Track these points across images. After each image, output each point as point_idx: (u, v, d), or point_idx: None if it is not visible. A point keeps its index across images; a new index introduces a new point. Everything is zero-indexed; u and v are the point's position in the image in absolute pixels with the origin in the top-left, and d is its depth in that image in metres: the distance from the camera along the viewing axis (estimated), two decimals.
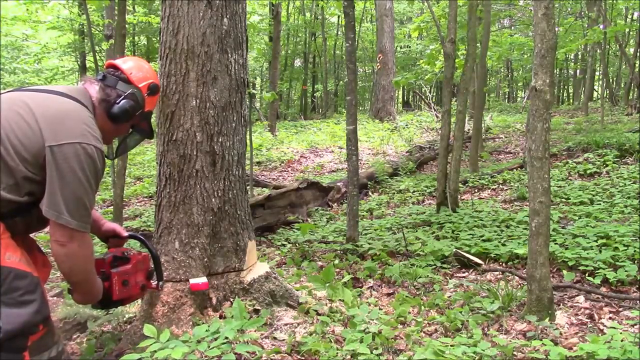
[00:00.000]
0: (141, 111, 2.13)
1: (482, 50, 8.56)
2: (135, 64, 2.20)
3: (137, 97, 2.09)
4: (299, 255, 4.41)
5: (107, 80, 2.06)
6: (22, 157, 1.77)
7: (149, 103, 2.16)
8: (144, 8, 16.31)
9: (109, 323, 2.74)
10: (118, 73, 2.11)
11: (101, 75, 2.09)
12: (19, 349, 1.71)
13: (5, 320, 1.65)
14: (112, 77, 2.08)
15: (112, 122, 2.04)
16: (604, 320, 2.96)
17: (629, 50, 17.24)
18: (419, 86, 16.18)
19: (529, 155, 2.91)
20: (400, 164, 8.88)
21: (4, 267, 1.68)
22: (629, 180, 6.54)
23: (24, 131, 1.78)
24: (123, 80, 2.08)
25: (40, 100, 1.88)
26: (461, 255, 4.07)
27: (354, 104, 4.54)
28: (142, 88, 2.12)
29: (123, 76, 2.10)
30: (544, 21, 2.80)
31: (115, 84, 2.06)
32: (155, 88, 2.17)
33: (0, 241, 1.71)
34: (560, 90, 25.48)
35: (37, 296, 1.75)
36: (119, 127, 2.10)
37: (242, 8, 2.81)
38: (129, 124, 2.14)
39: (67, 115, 1.85)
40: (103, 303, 2.18)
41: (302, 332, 2.65)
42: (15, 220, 1.82)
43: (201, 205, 2.66)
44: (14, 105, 1.83)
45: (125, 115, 2.05)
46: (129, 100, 2.05)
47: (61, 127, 1.81)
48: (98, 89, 2.05)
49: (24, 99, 1.87)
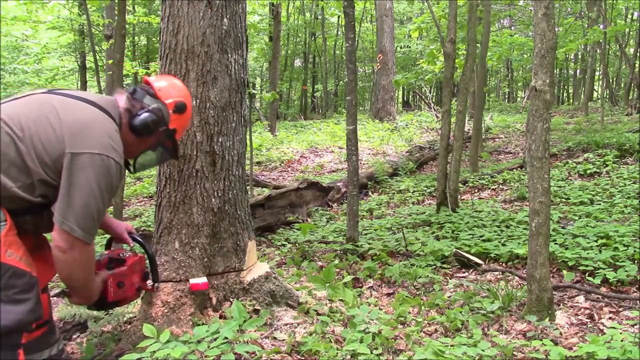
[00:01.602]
0: (165, 128, 2.10)
1: (482, 50, 8.56)
2: (167, 82, 2.20)
3: (162, 112, 2.07)
4: (299, 255, 4.41)
5: (136, 94, 2.08)
6: (42, 161, 1.79)
7: (174, 120, 2.12)
8: (144, 8, 16.30)
9: (109, 323, 2.74)
10: (148, 88, 2.12)
11: (132, 89, 2.11)
12: (12, 345, 1.73)
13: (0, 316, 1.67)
14: (141, 91, 2.09)
15: (133, 134, 2.04)
16: (604, 320, 2.96)
17: (629, 50, 17.25)
18: (419, 86, 16.18)
19: (529, 155, 2.91)
20: (400, 164, 8.88)
21: (3, 264, 1.70)
22: (629, 180, 6.54)
23: (48, 136, 1.80)
24: (150, 95, 2.09)
25: (68, 107, 1.89)
26: (461, 255, 4.07)
27: (354, 104, 4.54)
28: (169, 105, 2.10)
29: (151, 91, 2.10)
30: (544, 21, 2.80)
31: (143, 97, 2.07)
32: (182, 106, 2.12)
33: (4, 238, 1.72)
34: (560, 90, 25.48)
35: (32, 295, 1.76)
36: (141, 140, 2.08)
37: (242, 8, 2.80)
38: (152, 139, 2.11)
39: (91, 125, 1.86)
40: (98, 304, 2.18)
41: (302, 332, 2.65)
42: (26, 218, 1.84)
43: (201, 205, 2.66)
44: (44, 109, 1.86)
45: (145, 128, 2.03)
46: (152, 114, 2.04)
47: (84, 136, 1.82)
48: (125, 99, 2.06)
49: (54, 103, 1.89)
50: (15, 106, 1.87)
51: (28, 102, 1.90)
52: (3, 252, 1.70)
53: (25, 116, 1.82)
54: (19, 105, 1.87)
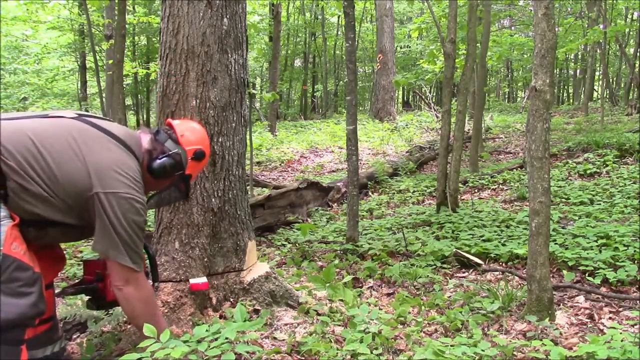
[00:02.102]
0: (182, 172, 2.16)
1: (482, 50, 8.56)
2: (190, 127, 2.26)
3: (181, 158, 2.13)
4: (299, 255, 4.41)
5: (159, 135, 2.14)
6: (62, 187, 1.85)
7: (191, 167, 2.19)
8: (144, 8, 16.29)
9: (109, 323, 2.74)
10: (171, 132, 2.17)
11: (156, 130, 2.18)
12: (15, 341, 1.73)
13: (2, 309, 1.67)
14: (164, 134, 2.15)
15: (150, 175, 2.10)
16: (604, 320, 2.96)
17: (629, 50, 17.25)
18: (419, 86, 16.18)
19: (529, 155, 2.91)
20: (400, 164, 8.88)
21: (8, 256, 1.72)
22: (629, 180, 6.54)
23: (72, 166, 1.87)
24: (172, 139, 2.14)
25: (95, 141, 1.96)
26: (461, 255, 4.07)
27: (354, 104, 4.54)
28: (189, 151, 2.16)
29: (174, 135, 2.16)
30: (544, 21, 2.80)
31: (165, 140, 2.13)
32: (201, 155, 2.19)
33: (10, 231, 1.74)
34: (560, 90, 25.48)
35: (35, 290, 1.78)
36: (157, 181, 2.14)
37: (242, 8, 2.80)
38: (167, 181, 2.17)
39: (116, 165, 1.94)
40: (97, 304, 2.19)
41: (302, 332, 2.64)
42: (29, 229, 1.88)
43: (201, 205, 2.66)
44: (70, 137, 1.92)
45: (162, 172, 2.10)
46: (171, 159, 2.10)
47: (109, 176, 1.91)
48: (149, 140, 2.12)
49: (82, 133, 1.95)
50: (43, 126, 1.92)
51: (55, 124, 1.96)
52: (8, 245, 1.72)
53: (49, 139, 1.87)
54: (46, 127, 1.93)
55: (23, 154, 1.81)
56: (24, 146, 1.82)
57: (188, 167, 2.17)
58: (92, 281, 2.15)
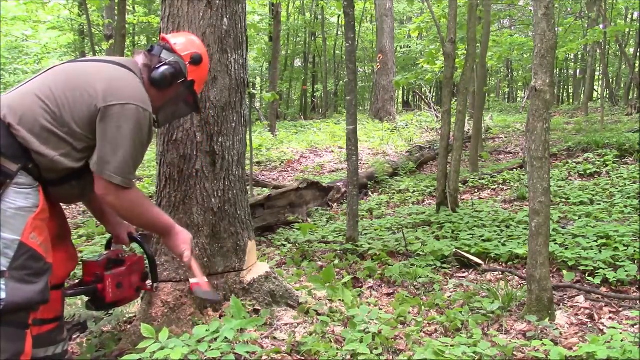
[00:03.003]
0: (184, 80, 2.17)
1: (482, 50, 8.56)
2: (183, 37, 2.29)
3: (179, 64, 2.15)
4: (299, 255, 4.41)
5: (154, 50, 2.17)
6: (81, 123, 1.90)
7: (191, 72, 2.19)
8: (144, 8, 16.30)
9: (109, 323, 2.74)
10: (164, 44, 2.20)
11: (150, 47, 2.21)
12: (20, 324, 1.76)
13: (8, 292, 1.70)
14: (158, 47, 2.19)
15: (154, 87, 2.12)
16: (604, 320, 2.96)
17: (629, 50, 17.26)
18: (419, 86, 16.18)
19: (529, 155, 2.91)
20: (400, 164, 8.88)
21: (24, 245, 1.75)
22: (629, 180, 6.54)
23: (83, 98, 1.92)
24: (167, 50, 2.17)
25: (96, 68, 2.03)
26: (461, 255, 4.07)
27: (354, 104, 4.54)
28: (185, 57, 2.18)
29: (167, 46, 2.19)
30: (544, 21, 2.80)
31: (160, 52, 2.16)
32: (198, 58, 2.20)
33: (32, 221, 1.78)
34: (560, 90, 25.48)
35: (43, 280, 1.81)
36: (161, 93, 2.16)
37: (242, 8, 2.80)
38: (172, 91, 2.19)
39: (119, 80, 1.98)
40: (96, 305, 2.19)
41: (302, 332, 2.64)
42: (72, 183, 1.95)
43: (201, 205, 2.66)
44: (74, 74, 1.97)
45: (164, 81, 2.12)
46: (169, 67, 2.12)
47: (113, 89, 1.93)
48: (143, 56, 2.16)
49: (82, 67, 2.04)
50: (43, 79, 1.97)
51: (55, 72, 2.00)
52: (27, 234, 1.76)
53: (55, 85, 1.92)
54: (47, 77, 1.97)
55: (35, 114, 1.85)
56: (36, 105, 1.87)
57: (189, 73, 2.19)
58: (91, 282, 2.15)
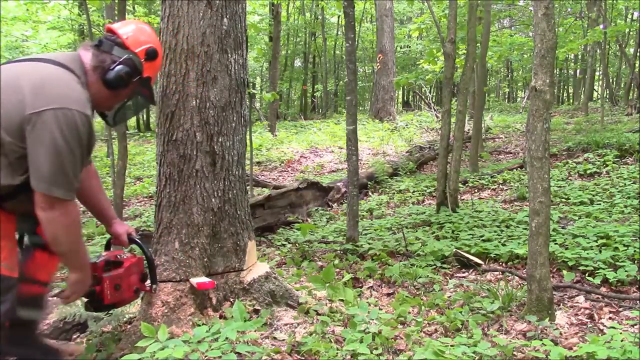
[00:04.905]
0: (139, 77, 2.04)
1: (482, 50, 8.56)
2: (133, 27, 2.09)
3: (134, 62, 2.01)
4: (299, 255, 4.41)
5: (103, 46, 1.99)
6: (14, 135, 1.74)
7: (147, 68, 2.06)
8: (144, 8, 16.30)
9: (109, 323, 2.74)
10: (114, 38, 2.03)
11: (97, 41, 2.02)
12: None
13: None
14: (108, 42, 2.00)
15: (108, 88, 1.98)
16: (604, 320, 2.96)
17: (629, 50, 17.26)
18: (419, 86, 16.18)
19: (529, 155, 2.91)
20: (400, 164, 8.88)
21: None
22: (629, 180, 6.54)
23: (14, 106, 1.75)
24: (119, 45, 2.01)
25: (26, 70, 1.85)
26: (461, 255, 4.07)
27: (354, 104, 4.54)
28: (139, 53, 2.02)
29: (119, 41, 2.01)
30: (544, 21, 2.80)
31: (111, 49, 1.99)
32: (153, 53, 2.06)
33: None
34: (560, 90, 25.49)
35: (9, 298, 1.77)
36: (116, 93, 2.02)
37: (242, 8, 2.80)
38: (128, 90, 2.05)
39: (47, 81, 1.79)
40: (95, 306, 2.18)
41: (302, 332, 2.64)
42: (20, 199, 1.82)
43: (201, 205, 2.66)
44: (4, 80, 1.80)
45: (120, 81, 1.97)
46: (124, 66, 1.97)
47: (41, 93, 1.76)
48: (91, 55, 1.98)
49: (13, 70, 1.84)
50: None
51: None
52: None
53: None
54: None
55: None
56: None
57: (144, 69, 2.04)
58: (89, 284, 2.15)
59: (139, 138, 15.83)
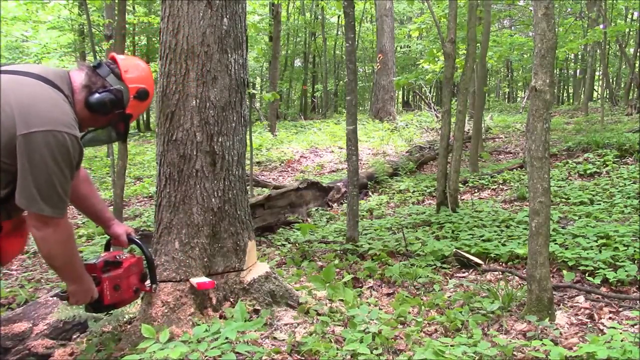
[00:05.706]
0: (122, 111, 2.06)
1: (482, 50, 8.56)
2: (135, 64, 2.14)
3: (122, 95, 2.03)
4: (299, 255, 4.41)
5: (101, 69, 2.02)
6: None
7: (132, 106, 2.08)
8: (144, 8, 16.31)
9: (109, 323, 2.74)
10: (114, 66, 2.06)
11: (97, 63, 2.05)
12: None
13: None
14: (106, 67, 2.04)
15: (88, 110, 1.99)
16: (604, 320, 2.96)
17: (629, 50, 17.26)
18: (419, 86, 16.18)
19: (529, 155, 2.91)
20: (400, 164, 8.88)
21: None
22: (629, 180, 6.54)
23: (3, 123, 1.75)
24: (115, 75, 2.04)
25: (14, 84, 1.83)
26: (461, 255, 4.07)
27: (354, 104, 4.54)
28: (131, 89, 2.06)
29: (117, 71, 2.05)
30: (544, 21, 2.80)
31: (107, 75, 2.02)
32: (144, 94, 2.09)
33: None
34: (560, 90, 25.49)
35: None
36: (95, 117, 2.03)
37: (242, 8, 2.80)
38: (106, 118, 2.06)
39: (37, 101, 1.80)
40: (95, 307, 2.18)
41: (302, 332, 2.64)
42: None
43: (201, 205, 2.66)
44: None
45: (101, 107, 1.99)
46: (111, 95, 2.00)
47: (31, 114, 1.77)
48: (84, 75, 2.00)
49: (5, 83, 1.82)
50: None
51: None
52: None
53: None
54: None
55: None
56: None
57: (129, 106, 2.06)
58: None
59: (139, 138, 15.85)
